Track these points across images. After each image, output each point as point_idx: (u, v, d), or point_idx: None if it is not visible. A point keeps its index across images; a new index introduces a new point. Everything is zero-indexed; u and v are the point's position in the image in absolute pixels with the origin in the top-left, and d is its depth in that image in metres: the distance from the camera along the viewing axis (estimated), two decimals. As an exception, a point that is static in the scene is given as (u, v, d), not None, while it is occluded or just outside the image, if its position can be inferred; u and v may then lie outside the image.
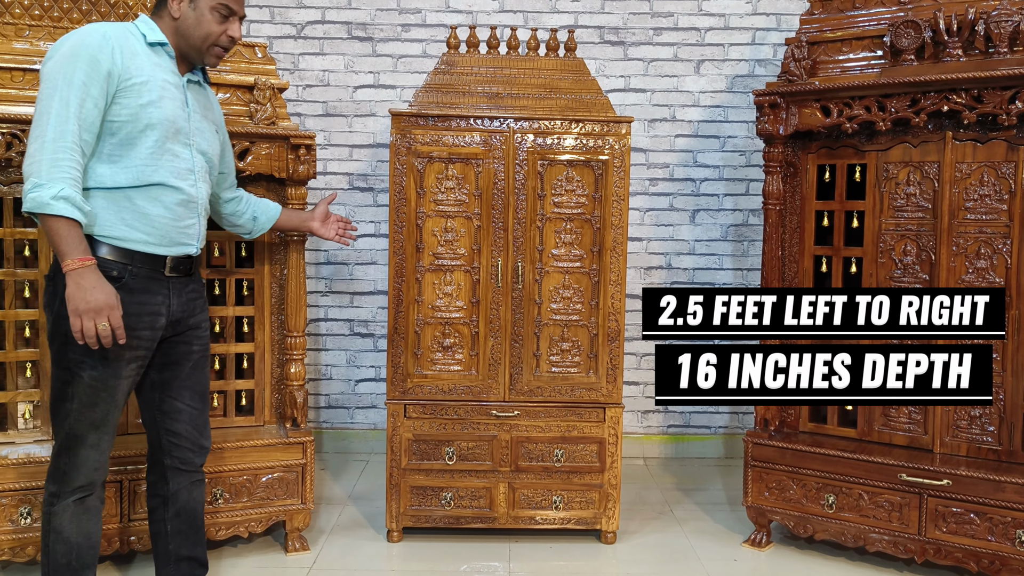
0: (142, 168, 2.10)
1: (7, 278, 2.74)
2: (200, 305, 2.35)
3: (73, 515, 2.14)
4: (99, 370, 2.09)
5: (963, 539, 2.72)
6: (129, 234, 2.11)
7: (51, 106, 1.98)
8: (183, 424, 2.35)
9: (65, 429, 2.12)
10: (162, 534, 2.40)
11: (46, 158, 1.95)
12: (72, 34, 2.07)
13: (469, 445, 3.06)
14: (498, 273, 3.01)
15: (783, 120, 2.96)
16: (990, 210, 2.77)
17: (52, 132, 1.96)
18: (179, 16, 2.16)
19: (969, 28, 2.67)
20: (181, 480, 2.38)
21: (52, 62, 2.02)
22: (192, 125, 2.22)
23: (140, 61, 2.10)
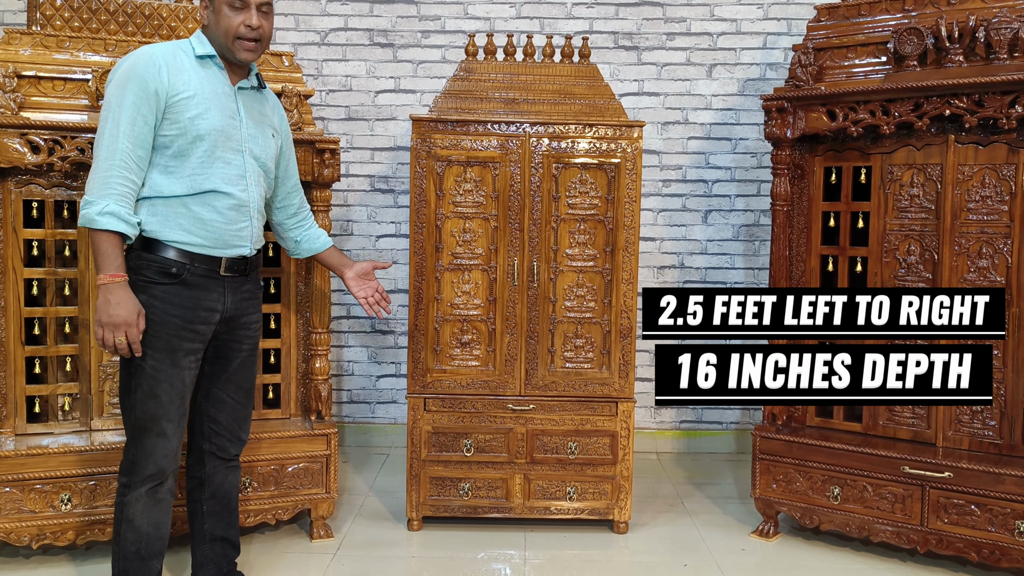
0: (194, 177, 2.24)
1: (48, 276, 2.89)
2: (254, 305, 2.50)
3: (145, 506, 2.28)
4: (158, 360, 2.23)
5: (964, 530, 2.81)
6: (187, 238, 2.25)
7: (105, 128, 2.17)
8: (224, 414, 2.49)
9: (133, 421, 2.27)
10: (198, 514, 2.55)
11: (98, 177, 2.15)
12: (126, 58, 2.25)
13: (486, 438, 3.18)
14: (514, 272, 3.13)
15: (790, 124, 3.06)
16: (991, 211, 2.85)
17: (104, 152, 2.15)
18: (207, 23, 2.30)
19: (970, 35, 2.76)
20: (216, 464, 2.52)
21: (110, 87, 2.20)
22: (244, 131, 2.33)
23: (187, 76, 2.24)
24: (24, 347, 2.86)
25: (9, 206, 2.81)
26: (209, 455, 2.51)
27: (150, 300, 2.23)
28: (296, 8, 4.17)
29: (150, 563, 2.33)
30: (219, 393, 2.48)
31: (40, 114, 2.74)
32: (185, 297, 2.26)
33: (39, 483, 2.76)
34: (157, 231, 2.23)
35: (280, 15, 4.16)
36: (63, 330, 2.94)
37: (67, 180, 2.85)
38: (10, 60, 2.76)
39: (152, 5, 3.00)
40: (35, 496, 2.76)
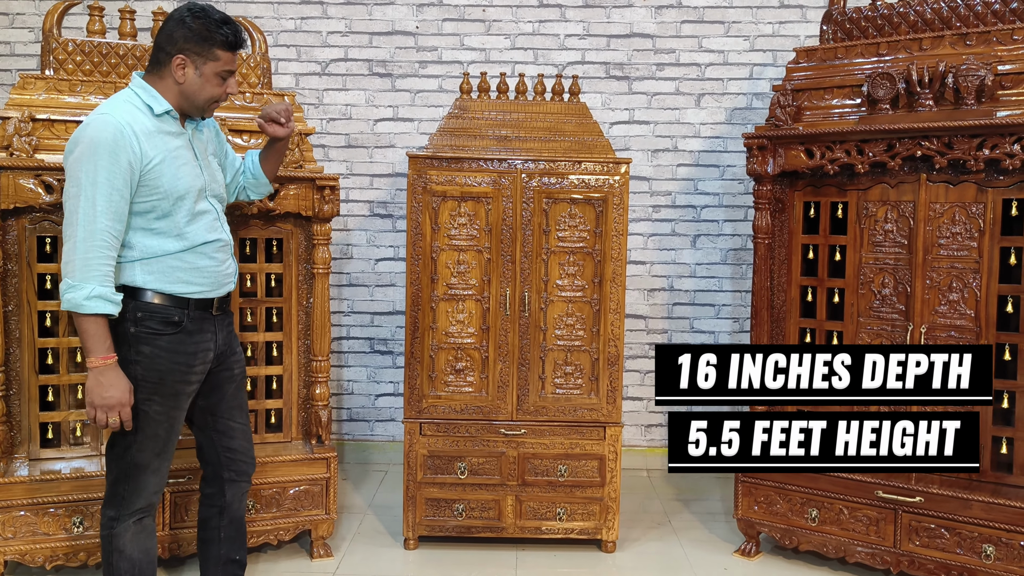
0: (185, 234, 2.32)
1: (60, 309, 3.02)
2: (233, 334, 2.61)
3: (133, 535, 2.37)
4: (164, 405, 2.33)
5: (935, 552, 2.94)
6: (187, 288, 2.34)
7: (78, 206, 2.15)
8: (236, 440, 2.62)
9: (127, 459, 2.33)
10: (215, 540, 2.65)
11: (78, 259, 2.14)
12: (85, 127, 2.20)
13: (479, 461, 3.32)
14: (506, 302, 3.26)
15: (770, 161, 3.19)
16: (961, 247, 2.98)
17: (83, 232, 2.14)
18: (184, 82, 2.30)
19: (940, 80, 2.90)
20: (235, 491, 2.64)
21: (72, 158, 2.18)
22: (205, 176, 2.40)
23: (153, 140, 2.25)
24: (38, 376, 3.00)
25: (24, 242, 2.94)
26: (230, 483, 2.62)
27: (155, 351, 2.30)
28: (298, 40, 4.31)
29: None
30: (227, 423, 2.60)
31: (53, 156, 2.87)
32: (187, 344, 2.35)
33: (52, 507, 2.90)
34: (158, 286, 2.30)
35: (283, 46, 4.30)
36: (75, 359, 3.07)
37: (79, 217, 2.98)
38: (25, 104, 2.90)
39: (160, 48, 3.13)
40: (49, 519, 2.90)
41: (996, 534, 2.84)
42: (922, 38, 3.03)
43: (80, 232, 2.14)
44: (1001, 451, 2.96)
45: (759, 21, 4.28)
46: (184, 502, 3.05)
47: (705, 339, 4.41)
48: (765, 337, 3.30)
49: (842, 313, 3.23)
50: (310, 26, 4.32)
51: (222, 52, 2.31)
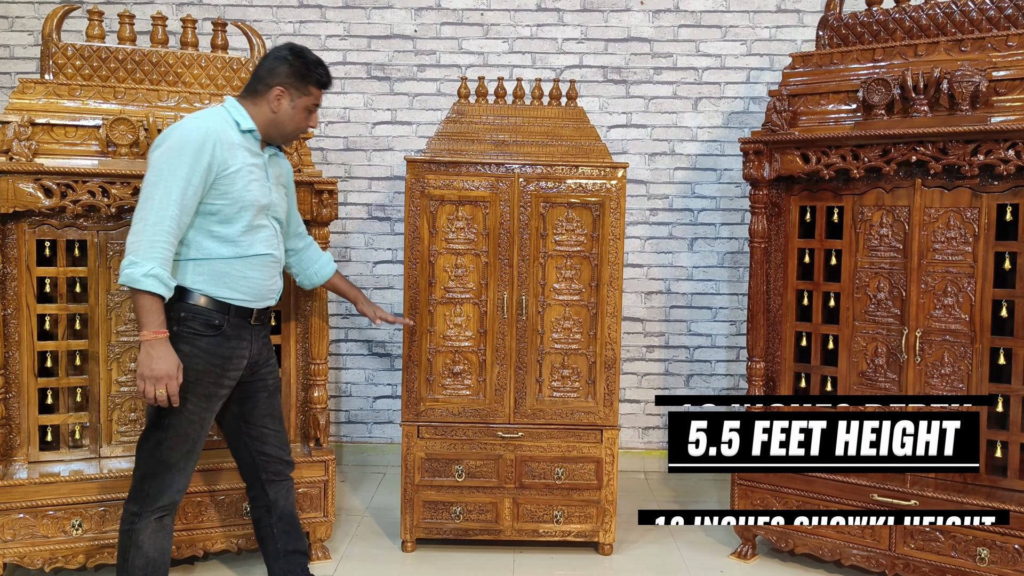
0: (240, 242, 2.47)
1: (60, 312, 3.04)
2: (269, 347, 2.73)
3: (153, 532, 2.45)
4: (197, 405, 2.44)
5: (929, 555, 2.96)
6: (232, 295, 2.47)
7: (155, 193, 2.31)
8: (270, 446, 2.75)
9: (157, 456, 2.42)
10: (270, 536, 2.80)
11: (145, 240, 2.28)
12: (179, 127, 2.40)
13: (477, 463, 3.33)
14: (504, 306, 3.28)
15: (766, 166, 3.21)
16: (956, 251, 3.00)
17: (154, 217, 2.29)
18: (278, 111, 2.53)
19: (935, 86, 2.91)
20: (277, 489, 2.78)
21: (159, 151, 2.35)
22: (272, 197, 2.57)
23: (234, 151, 2.44)
24: (37, 379, 3.01)
25: (23, 246, 2.96)
26: (269, 483, 2.76)
27: (194, 351, 2.41)
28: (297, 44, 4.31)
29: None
30: (260, 429, 2.72)
31: (53, 160, 2.89)
32: (224, 348, 2.47)
33: (51, 509, 2.91)
34: (205, 289, 2.43)
35: (281, 50, 4.31)
36: (74, 362, 3.09)
37: (78, 220, 3.00)
38: (25, 109, 2.91)
39: (159, 53, 3.15)
40: (47, 521, 2.91)
41: (991, 537, 2.85)
42: (917, 44, 3.05)
43: (152, 216, 2.30)
44: (996, 454, 2.98)
45: (756, 26, 4.30)
46: (181, 505, 3.06)
47: (702, 342, 4.43)
48: (761, 341, 3.32)
49: (838, 317, 3.24)
50: (309, 30, 4.33)
51: (315, 90, 2.58)
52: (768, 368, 3.36)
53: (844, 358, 3.23)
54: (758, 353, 3.33)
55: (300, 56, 2.55)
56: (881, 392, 3.15)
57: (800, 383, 3.34)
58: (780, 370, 3.36)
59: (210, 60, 3.22)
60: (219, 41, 3.28)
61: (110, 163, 2.93)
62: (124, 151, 2.95)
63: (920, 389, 3.07)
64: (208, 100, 3.15)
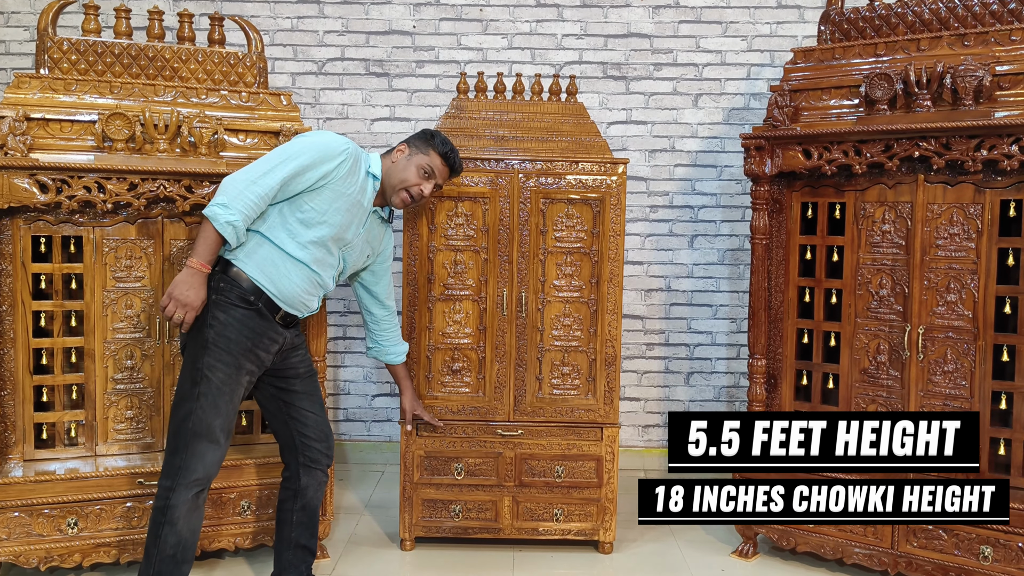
0: (304, 246, 2.60)
1: (56, 309, 3.01)
2: (300, 336, 2.84)
3: (188, 509, 2.50)
4: (227, 375, 2.52)
5: (932, 553, 2.94)
6: (266, 283, 2.58)
7: (275, 162, 2.52)
8: (310, 428, 2.82)
9: (188, 426, 2.49)
10: (288, 522, 2.84)
11: (240, 188, 2.48)
12: (327, 133, 2.66)
13: (476, 461, 3.31)
14: (503, 303, 3.25)
15: (768, 162, 3.18)
16: (959, 248, 2.98)
17: (258, 174, 2.50)
18: (395, 161, 2.76)
19: (937, 81, 2.89)
20: (310, 478, 2.84)
21: (301, 138, 2.62)
22: (354, 241, 2.74)
23: (354, 180, 2.65)
24: (32, 376, 2.98)
25: (18, 242, 2.93)
26: (304, 467, 2.83)
27: (229, 319, 2.52)
28: (295, 39, 4.30)
29: (183, 567, 2.55)
30: (300, 410, 2.82)
31: (48, 155, 2.86)
32: (257, 323, 2.57)
33: (47, 508, 2.89)
34: (248, 268, 2.56)
35: (279, 45, 4.29)
36: (70, 359, 3.06)
37: (74, 216, 2.97)
38: (20, 104, 2.88)
39: (156, 47, 3.12)
40: (43, 520, 2.89)
41: (994, 535, 2.83)
42: (920, 39, 3.03)
43: (258, 173, 2.50)
44: (999, 452, 2.95)
45: (757, 21, 4.27)
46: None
47: (702, 339, 4.41)
48: (762, 338, 3.29)
49: (840, 314, 3.22)
50: (307, 25, 4.31)
51: (435, 155, 2.78)
52: (769, 365, 3.34)
53: (846, 355, 3.21)
54: (759, 350, 3.30)
55: (436, 134, 2.82)
56: (884, 390, 3.13)
57: (801, 380, 3.32)
58: (781, 368, 3.34)
59: (207, 55, 3.19)
60: (216, 36, 3.25)
61: (106, 158, 2.90)
62: (120, 146, 2.92)
63: (923, 387, 3.04)
64: (205, 95, 3.12)
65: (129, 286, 3.07)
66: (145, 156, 2.95)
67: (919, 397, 3.05)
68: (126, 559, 2.99)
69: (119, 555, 2.98)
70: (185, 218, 3.11)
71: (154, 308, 3.09)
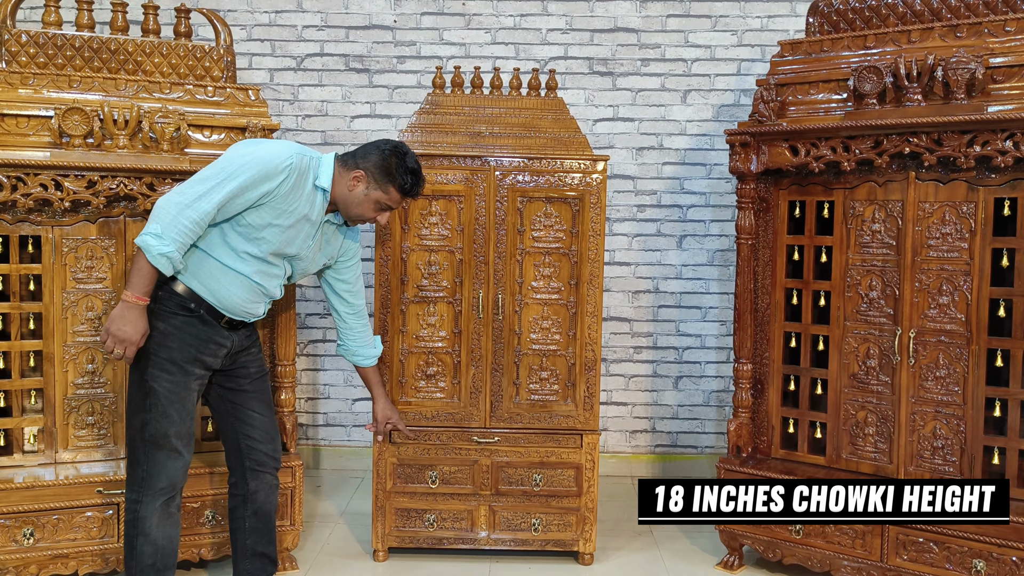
0: (242, 258, 2.49)
1: (13, 311, 2.90)
2: (252, 336, 2.75)
3: (160, 519, 2.47)
4: (173, 383, 2.45)
5: (923, 567, 2.82)
6: (205, 294, 2.48)
7: (211, 183, 2.35)
8: (256, 429, 2.74)
9: (144, 437, 2.44)
10: (241, 530, 2.77)
11: (173, 214, 2.32)
12: (273, 144, 2.47)
13: (451, 469, 3.19)
14: (479, 305, 3.14)
15: (753, 159, 3.06)
16: (952, 248, 2.86)
17: (194, 199, 2.33)
18: (351, 191, 2.55)
19: (928, 74, 2.77)
20: (259, 482, 2.76)
21: (241, 150, 2.43)
22: (302, 253, 2.59)
23: (298, 196, 2.47)
24: (-11, 381, 2.88)
25: (-27, 241, 2.83)
26: (251, 471, 2.75)
27: (169, 328, 2.45)
28: (272, 34, 4.19)
29: (165, 574, 2.52)
30: (246, 412, 2.72)
31: (2, 152, 2.75)
32: (200, 330, 2.49)
33: (2, 518, 2.78)
34: (185, 277, 2.46)
35: (256, 40, 4.18)
36: (28, 363, 2.95)
37: (31, 215, 2.86)
38: (-27, 98, 2.78)
39: (118, 40, 3.01)
40: (-3, 531, 2.78)
41: (987, 549, 2.71)
42: (911, 30, 2.90)
43: (191, 198, 2.34)
44: (993, 461, 2.83)
45: (747, 15, 4.16)
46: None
47: (691, 342, 4.29)
48: (748, 341, 3.18)
49: (828, 316, 3.10)
50: (285, 20, 4.20)
51: (395, 191, 2.57)
52: (756, 370, 3.22)
53: (835, 359, 3.09)
54: (745, 354, 3.18)
55: (398, 155, 2.56)
56: (873, 396, 3.01)
57: (789, 386, 3.20)
58: (768, 372, 3.22)
59: (172, 48, 3.08)
60: (182, 28, 3.14)
61: (63, 155, 2.78)
62: (77, 142, 2.81)
63: (914, 393, 2.93)
64: (169, 89, 3.01)
65: (90, 287, 2.97)
66: (104, 152, 2.84)
67: (910, 403, 2.93)
68: (84, 571, 2.88)
69: (77, 567, 2.87)
70: (147, 217, 2.99)
71: (116, 310, 2.98)
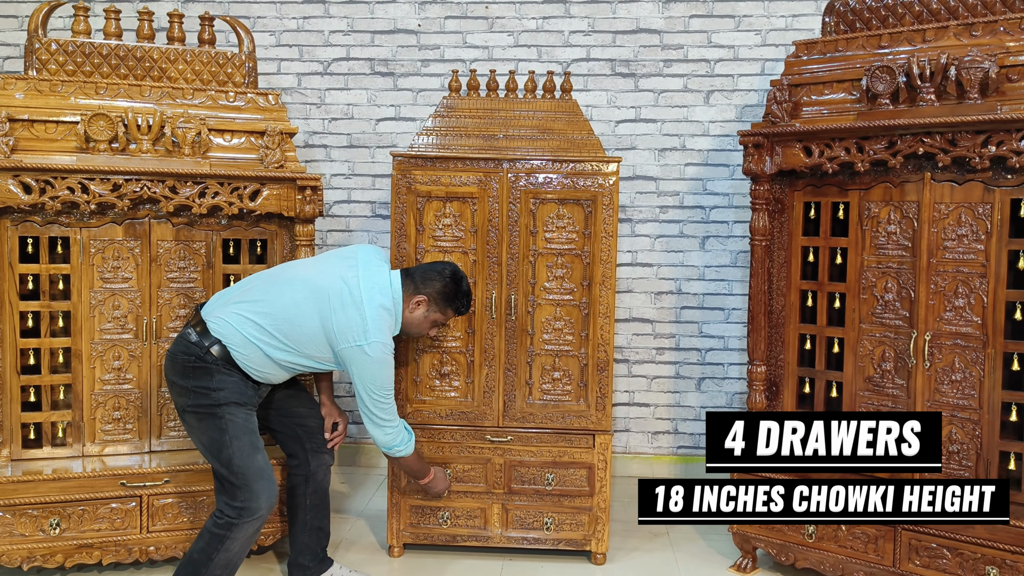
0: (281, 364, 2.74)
1: (43, 309, 3.02)
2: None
3: (247, 538, 2.63)
4: (242, 416, 2.67)
5: (936, 573, 2.78)
6: (245, 364, 2.70)
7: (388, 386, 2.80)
8: (308, 419, 2.98)
9: (234, 469, 2.61)
10: (303, 507, 2.98)
11: (390, 410, 2.84)
12: (375, 348, 2.71)
13: (465, 467, 3.23)
14: (492, 305, 3.17)
15: (767, 160, 3.05)
16: (968, 250, 2.81)
17: (390, 409, 2.85)
18: (413, 313, 2.85)
19: (942, 74, 2.72)
20: (318, 461, 2.98)
21: (374, 354, 2.71)
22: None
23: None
24: (20, 376, 3.00)
25: (5, 242, 2.94)
26: (312, 452, 2.97)
27: (227, 378, 2.66)
28: (300, 39, 4.28)
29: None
30: (292, 409, 2.97)
31: (33, 156, 2.87)
32: (249, 383, 2.75)
33: (30, 508, 2.89)
34: (237, 346, 2.67)
35: (285, 46, 4.28)
36: (57, 360, 3.06)
37: (60, 217, 2.98)
38: (4, 105, 2.89)
39: (144, 48, 3.12)
40: (26, 520, 2.90)
41: (1000, 555, 2.67)
42: (926, 29, 2.86)
43: (384, 392, 2.79)
44: (1009, 467, 2.78)
45: (771, 15, 4.12)
46: (158, 504, 3.02)
47: (714, 344, 4.27)
48: (763, 343, 3.16)
49: (843, 319, 3.07)
50: (312, 25, 4.28)
51: (451, 313, 2.91)
52: (770, 372, 3.21)
53: (850, 362, 3.06)
54: (759, 356, 3.17)
55: (455, 281, 2.86)
56: (889, 399, 2.97)
57: (804, 388, 3.17)
58: (783, 375, 3.20)
59: (195, 55, 3.18)
60: (206, 36, 3.24)
61: (88, 159, 2.90)
62: (102, 147, 2.92)
63: (929, 396, 2.88)
64: (191, 95, 3.10)
65: (116, 287, 3.07)
66: (128, 157, 2.94)
67: (926, 407, 2.89)
68: (108, 560, 2.98)
69: (101, 556, 2.97)
70: (172, 219, 3.10)
71: (141, 309, 3.08)
